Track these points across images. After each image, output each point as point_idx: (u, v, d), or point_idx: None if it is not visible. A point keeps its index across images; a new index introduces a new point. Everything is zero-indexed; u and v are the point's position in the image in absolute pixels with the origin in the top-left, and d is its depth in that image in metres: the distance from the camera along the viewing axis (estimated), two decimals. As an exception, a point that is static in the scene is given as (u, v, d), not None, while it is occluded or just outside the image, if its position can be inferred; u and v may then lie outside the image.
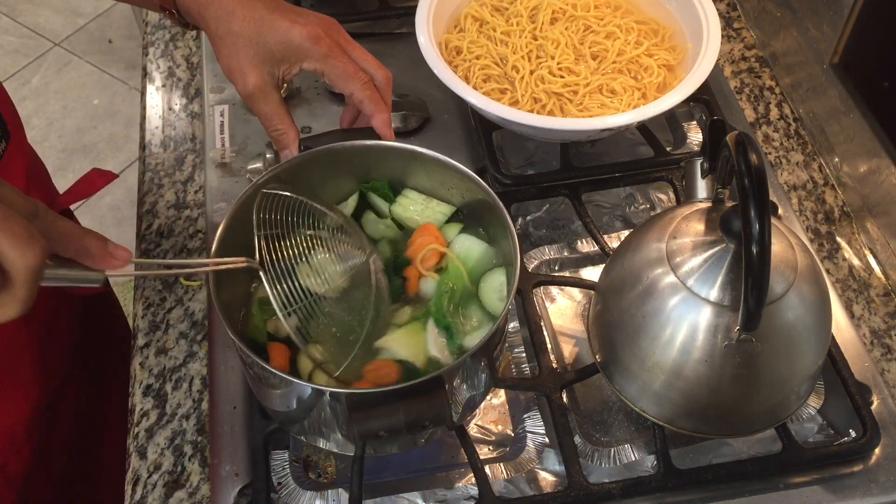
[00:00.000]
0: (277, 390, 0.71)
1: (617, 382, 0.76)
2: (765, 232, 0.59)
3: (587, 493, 0.74)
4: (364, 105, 0.82)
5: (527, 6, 1.00)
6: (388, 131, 0.83)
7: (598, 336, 0.78)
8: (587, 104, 0.94)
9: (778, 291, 0.66)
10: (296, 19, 0.79)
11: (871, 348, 0.87)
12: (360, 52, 0.82)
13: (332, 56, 0.79)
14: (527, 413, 0.83)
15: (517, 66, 0.96)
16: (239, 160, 0.98)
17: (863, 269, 0.93)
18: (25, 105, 2.60)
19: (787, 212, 0.96)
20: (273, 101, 0.81)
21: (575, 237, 0.95)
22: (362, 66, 0.82)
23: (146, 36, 1.15)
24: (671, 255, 0.69)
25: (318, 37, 0.79)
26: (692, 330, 0.68)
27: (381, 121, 0.82)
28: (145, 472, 0.79)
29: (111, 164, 2.48)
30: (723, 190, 0.71)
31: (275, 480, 0.78)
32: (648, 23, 1.01)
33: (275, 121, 0.81)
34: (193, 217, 0.96)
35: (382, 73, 0.83)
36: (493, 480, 0.77)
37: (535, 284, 0.86)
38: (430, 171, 0.80)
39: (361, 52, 0.82)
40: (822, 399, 0.83)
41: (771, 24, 1.11)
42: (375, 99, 0.82)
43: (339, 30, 0.82)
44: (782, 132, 1.05)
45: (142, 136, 1.05)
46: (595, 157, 1.02)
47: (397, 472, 0.82)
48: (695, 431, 0.75)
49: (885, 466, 0.78)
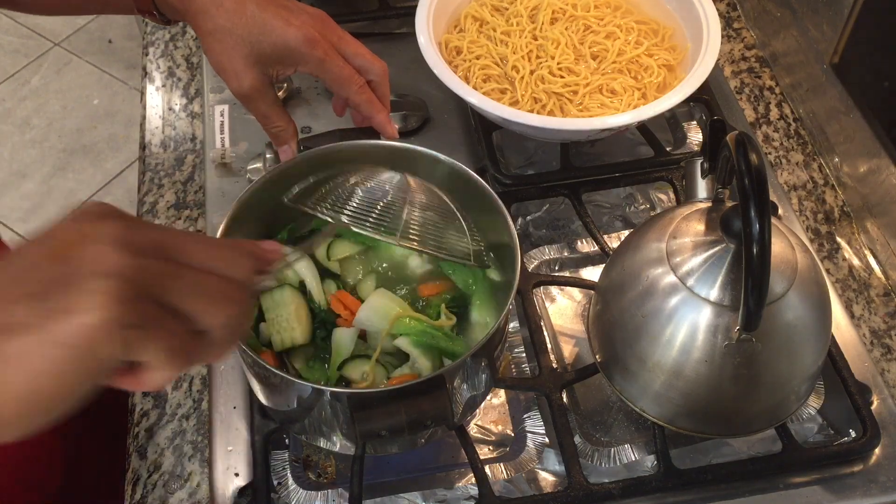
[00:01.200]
0: (278, 390, 0.71)
1: (617, 382, 0.76)
2: (765, 232, 0.59)
3: (587, 493, 0.74)
4: (362, 108, 0.82)
5: (527, 6, 1.00)
6: (389, 129, 0.83)
7: (598, 336, 0.78)
8: (587, 104, 0.94)
9: (778, 291, 0.66)
10: (289, 19, 0.77)
11: (871, 348, 0.87)
12: (354, 46, 0.81)
13: (328, 60, 0.79)
14: (527, 413, 0.83)
15: (517, 66, 0.96)
16: (239, 160, 0.98)
17: (863, 269, 0.93)
18: (25, 105, 2.60)
19: (787, 212, 0.96)
20: (270, 100, 0.80)
21: (575, 237, 0.96)
22: (357, 65, 0.81)
23: (146, 36, 1.15)
24: (671, 255, 0.69)
25: (314, 40, 0.78)
26: (692, 330, 0.68)
27: (380, 121, 0.82)
28: (145, 472, 0.79)
29: (111, 164, 2.48)
30: (723, 190, 0.71)
31: (275, 480, 0.78)
32: (648, 23, 1.01)
33: (273, 119, 0.81)
34: (193, 217, 0.96)
35: (378, 66, 0.82)
36: (493, 480, 0.77)
37: (535, 284, 0.86)
38: (430, 171, 0.80)
39: (355, 47, 0.81)
40: (822, 399, 0.83)
41: (771, 24, 1.11)
42: (372, 101, 0.81)
43: (332, 27, 0.81)
44: (782, 132, 1.05)
45: (142, 136, 1.05)
46: (595, 157, 1.02)
47: (397, 473, 0.82)
48: (695, 431, 0.75)
49: (885, 466, 0.78)
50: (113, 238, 0.44)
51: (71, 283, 0.42)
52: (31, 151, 2.50)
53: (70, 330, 0.42)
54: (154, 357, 0.45)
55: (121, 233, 0.45)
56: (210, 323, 0.47)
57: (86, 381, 0.43)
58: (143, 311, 0.44)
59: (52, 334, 0.42)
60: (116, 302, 0.42)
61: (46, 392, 0.42)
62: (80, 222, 0.47)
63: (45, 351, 0.42)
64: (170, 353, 0.45)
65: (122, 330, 0.42)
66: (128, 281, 0.43)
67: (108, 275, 0.43)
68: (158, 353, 0.44)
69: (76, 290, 0.42)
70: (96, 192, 2.42)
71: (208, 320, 0.47)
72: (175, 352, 0.45)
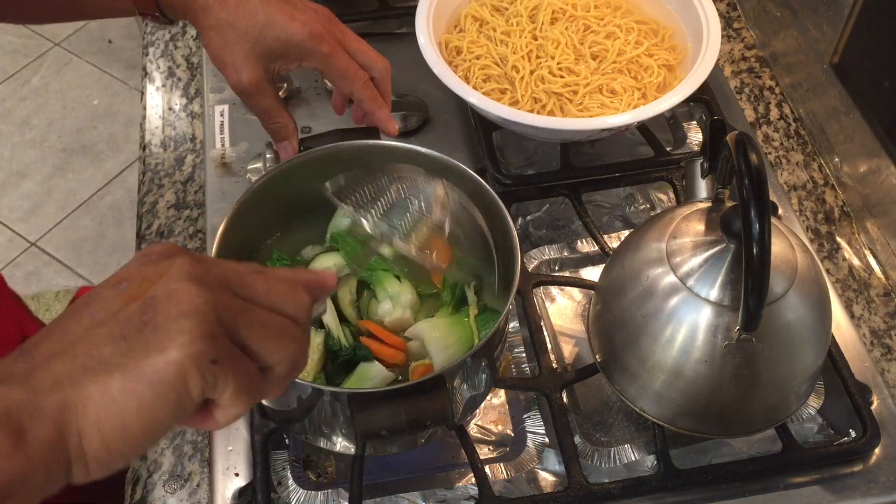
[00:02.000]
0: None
1: (617, 382, 0.76)
2: (765, 232, 0.59)
3: (587, 493, 0.74)
4: (364, 104, 0.82)
5: (527, 6, 1.00)
6: (390, 126, 0.83)
7: (598, 336, 0.78)
8: (587, 104, 0.94)
9: (778, 291, 0.66)
10: (294, 14, 0.77)
11: (871, 348, 0.87)
12: (357, 43, 0.81)
13: (334, 56, 0.79)
14: (527, 413, 0.83)
15: (517, 66, 0.96)
16: (239, 160, 0.98)
17: (863, 269, 0.93)
18: (25, 105, 2.60)
19: (787, 212, 0.96)
20: (270, 96, 0.80)
21: (575, 237, 0.96)
22: (361, 62, 0.81)
23: (146, 36, 1.15)
24: (671, 255, 0.69)
25: (319, 35, 0.78)
26: (692, 330, 0.68)
27: (382, 117, 0.82)
28: (145, 472, 0.79)
29: (111, 164, 2.48)
30: (723, 190, 0.71)
31: (275, 480, 0.78)
32: (648, 23, 1.01)
33: (273, 115, 0.81)
34: (193, 217, 0.96)
35: (381, 64, 0.82)
36: (493, 480, 0.77)
37: (535, 284, 0.86)
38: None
39: (358, 44, 0.81)
40: (822, 399, 0.83)
41: (771, 24, 1.11)
42: (375, 97, 0.81)
43: (336, 23, 0.81)
44: (782, 132, 1.05)
45: (142, 136, 1.05)
46: (595, 157, 1.02)
47: (397, 473, 0.82)
48: (695, 431, 0.75)
49: (885, 466, 0.78)
50: (186, 274, 0.45)
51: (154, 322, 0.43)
52: (31, 151, 2.50)
53: (160, 367, 0.42)
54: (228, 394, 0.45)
55: (192, 269, 0.45)
56: (275, 360, 0.48)
57: (174, 417, 0.43)
58: (223, 347, 0.44)
59: (142, 372, 0.42)
60: (201, 338, 0.43)
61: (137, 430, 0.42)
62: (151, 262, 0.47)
63: (136, 388, 0.42)
64: (241, 390, 0.45)
65: (209, 365, 0.43)
66: (207, 317, 0.43)
67: (189, 312, 0.43)
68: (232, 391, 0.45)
69: (162, 328, 0.43)
70: (96, 192, 2.42)
71: (274, 357, 0.47)
72: (245, 389, 0.45)
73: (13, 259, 2.29)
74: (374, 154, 0.80)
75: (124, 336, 0.43)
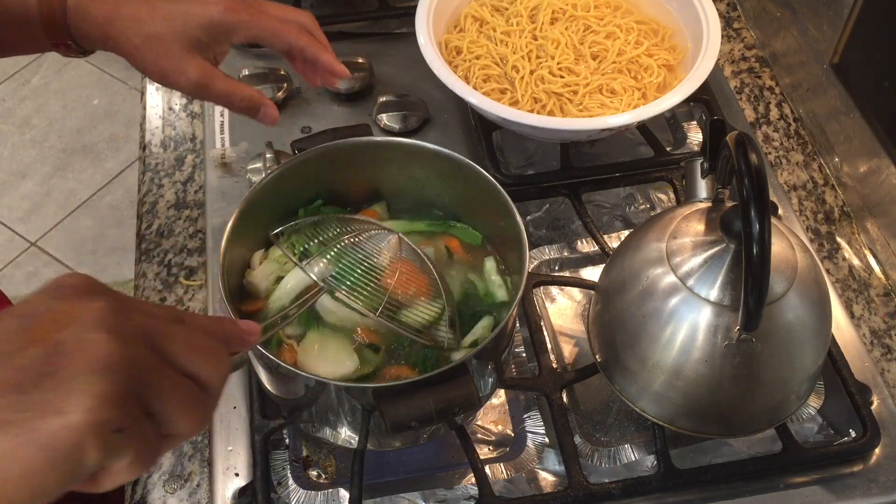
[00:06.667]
0: (286, 378, 0.71)
1: (617, 382, 0.76)
2: (765, 232, 0.59)
3: (587, 493, 0.74)
4: (306, 52, 0.81)
5: (527, 6, 1.00)
6: (338, 67, 0.82)
7: (598, 336, 0.78)
8: (587, 104, 0.94)
9: (778, 291, 0.66)
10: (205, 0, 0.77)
11: (871, 348, 0.87)
12: (276, 8, 0.81)
13: (256, 19, 0.78)
14: (527, 413, 0.83)
15: (517, 66, 0.96)
16: (239, 160, 0.98)
17: (863, 269, 0.93)
18: (25, 105, 2.60)
19: (787, 212, 0.96)
20: (222, 78, 0.79)
21: (575, 237, 0.96)
22: (285, 17, 0.81)
23: (146, 36, 1.15)
24: (671, 255, 0.69)
25: (235, 9, 0.77)
26: (692, 330, 0.68)
27: (327, 59, 0.81)
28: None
29: (111, 164, 2.48)
30: (723, 190, 0.71)
31: (275, 480, 0.78)
32: (648, 23, 1.01)
33: (235, 92, 0.79)
34: (193, 217, 0.96)
35: (305, 17, 0.82)
36: (493, 480, 0.77)
37: (535, 284, 0.86)
38: (428, 167, 0.80)
39: (276, 7, 0.81)
40: (822, 399, 0.83)
41: (771, 24, 1.11)
42: (313, 42, 0.81)
43: None
44: (782, 132, 1.05)
45: (142, 136, 1.05)
46: (595, 157, 1.02)
47: (397, 473, 0.82)
48: (695, 431, 0.75)
49: (885, 466, 0.78)
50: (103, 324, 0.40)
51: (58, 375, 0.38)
52: (31, 151, 2.50)
53: (56, 432, 0.37)
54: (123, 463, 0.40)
55: (110, 318, 0.41)
56: (178, 430, 0.44)
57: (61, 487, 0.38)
58: (130, 413, 0.40)
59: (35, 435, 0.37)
60: (108, 403, 0.38)
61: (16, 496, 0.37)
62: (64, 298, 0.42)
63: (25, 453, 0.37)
64: (138, 459, 0.41)
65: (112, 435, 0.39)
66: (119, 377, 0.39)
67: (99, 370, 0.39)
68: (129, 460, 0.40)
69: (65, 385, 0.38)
70: (96, 192, 2.42)
71: (178, 426, 0.43)
72: (142, 458, 0.41)
73: (13, 259, 2.29)
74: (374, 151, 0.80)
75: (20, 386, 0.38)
